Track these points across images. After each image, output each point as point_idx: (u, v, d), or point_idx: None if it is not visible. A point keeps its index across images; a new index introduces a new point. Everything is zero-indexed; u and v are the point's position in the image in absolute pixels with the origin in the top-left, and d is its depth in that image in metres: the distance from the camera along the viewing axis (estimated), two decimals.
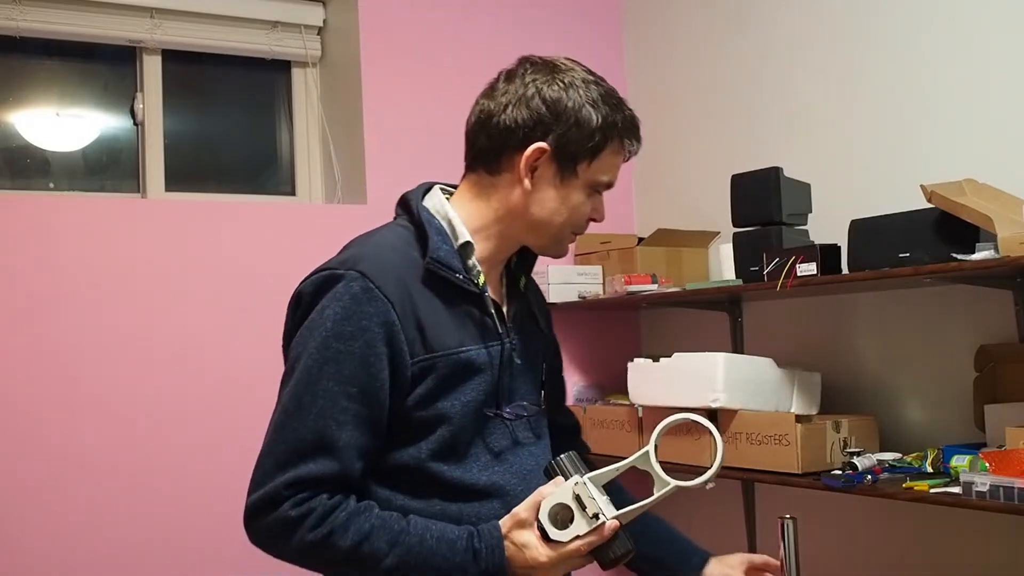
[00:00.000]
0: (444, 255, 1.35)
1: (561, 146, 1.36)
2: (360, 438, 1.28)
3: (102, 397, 2.50)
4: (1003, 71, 2.26)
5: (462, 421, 1.34)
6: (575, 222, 1.42)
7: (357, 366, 1.27)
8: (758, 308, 2.84)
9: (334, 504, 1.26)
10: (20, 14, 2.66)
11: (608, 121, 1.37)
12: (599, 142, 1.37)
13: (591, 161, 1.38)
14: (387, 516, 1.28)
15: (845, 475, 2.20)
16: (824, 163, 2.64)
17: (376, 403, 1.29)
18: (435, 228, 1.38)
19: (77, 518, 2.44)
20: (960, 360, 2.29)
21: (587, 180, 1.39)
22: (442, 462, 1.33)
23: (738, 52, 2.93)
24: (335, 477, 1.26)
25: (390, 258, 1.34)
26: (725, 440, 2.46)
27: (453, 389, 1.34)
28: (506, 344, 1.41)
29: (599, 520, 1.21)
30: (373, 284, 1.29)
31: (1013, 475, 1.85)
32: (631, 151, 1.43)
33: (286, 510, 1.24)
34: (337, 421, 1.26)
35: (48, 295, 2.46)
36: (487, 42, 3.09)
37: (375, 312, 1.28)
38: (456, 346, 1.34)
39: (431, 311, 1.33)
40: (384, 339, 1.28)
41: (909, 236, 2.13)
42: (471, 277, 1.37)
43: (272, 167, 3.12)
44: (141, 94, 2.87)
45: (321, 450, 1.26)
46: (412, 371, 1.30)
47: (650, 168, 3.20)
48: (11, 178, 2.76)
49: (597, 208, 1.43)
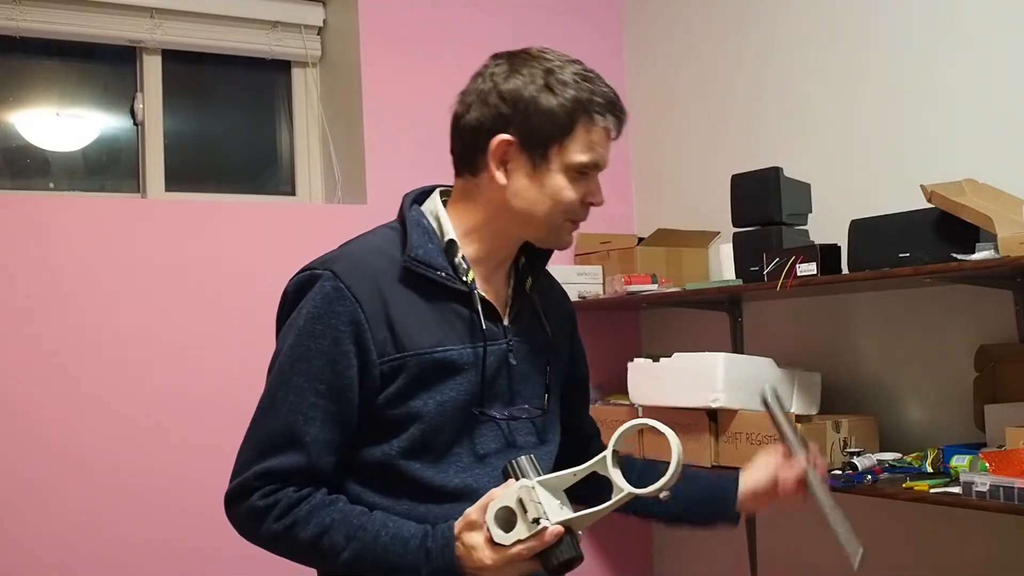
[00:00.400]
0: (424, 253, 1.35)
1: (525, 135, 1.35)
2: (328, 433, 1.31)
3: (102, 397, 2.50)
4: (1003, 71, 2.26)
5: (437, 420, 1.33)
6: (564, 208, 1.37)
7: (326, 364, 1.30)
8: (758, 308, 2.84)
9: (300, 497, 1.29)
10: (20, 14, 2.66)
11: (574, 101, 1.34)
12: (565, 123, 1.34)
13: (561, 143, 1.35)
14: (350, 510, 1.30)
15: (845, 475, 2.20)
16: (824, 163, 2.64)
17: (344, 400, 1.31)
18: (421, 228, 1.38)
19: (77, 518, 2.44)
20: (960, 360, 2.29)
21: (563, 164, 1.35)
22: (414, 460, 1.33)
23: (738, 52, 2.93)
24: (303, 470, 1.30)
25: (368, 258, 1.36)
26: (725, 440, 2.48)
27: (427, 388, 1.33)
28: (502, 345, 1.40)
29: (539, 525, 1.18)
30: (343, 284, 1.31)
31: (1013, 475, 1.85)
32: (608, 127, 1.37)
33: (255, 500, 1.30)
34: (306, 416, 1.30)
35: (48, 295, 2.46)
36: (487, 42, 3.06)
37: (343, 312, 1.31)
38: (432, 345, 1.33)
39: (408, 310, 1.33)
40: (351, 338, 1.30)
41: (909, 236, 2.13)
42: (458, 275, 1.37)
43: (272, 167, 3.11)
44: (141, 94, 2.87)
45: (290, 444, 1.30)
46: (381, 370, 1.31)
47: (650, 168, 3.20)
48: (11, 178, 2.76)
49: (592, 191, 1.39)
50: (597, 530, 3.44)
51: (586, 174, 1.37)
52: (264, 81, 3.14)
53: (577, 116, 1.35)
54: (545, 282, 1.55)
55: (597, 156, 1.37)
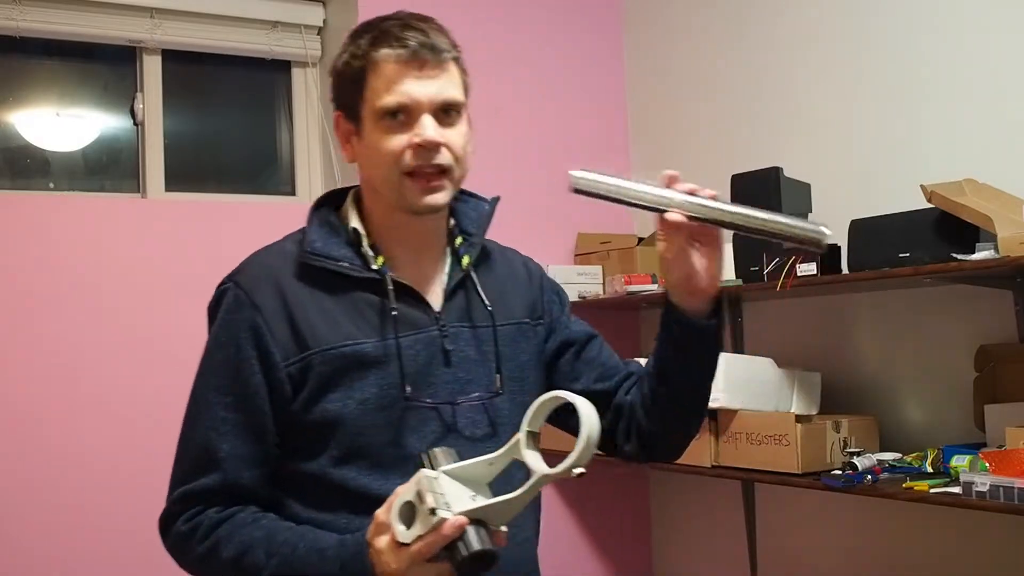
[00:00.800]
0: (323, 246, 1.30)
1: (342, 104, 1.32)
2: (243, 447, 1.26)
3: (102, 397, 2.50)
4: (1003, 71, 2.26)
5: (362, 421, 1.25)
6: (392, 162, 1.26)
7: (231, 375, 1.27)
8: (758, 308, 2.84)
9: (222, 517, 1.25)
10: (20, 14, 2.66)
11: (358, 48, 1.28)
12: (357, 73, 1.28)
13: (362, 96, 1.27)
14: (274, 527, 1.24)
15: (845, 475, 2.20)
16: (824, 163, 2.64)
17: (253, 409, 1.26)
18: (322, 222, 1.34)
19: (77, 518, 2.44)
20: (960, 360, 2.29)
21: (372, 116, 1.26)
22: (348, 468, 1.26)
23: (738, 52, 2.93)
24: (222, 489, 1.26)
25: (269, 261, 1.33)
26: (725, 440, 2.47)
27: (343, 387, 1.25)
28: (431, 331, 1.31)
29: (436, 517, 1.05)
30: (243, 291, 1.29)
31: (1013, 475, 1.85)
32: (399, 54, 1.25)
33: (179, 525, 1.27)
34: (219, 432, 1.27)
35: (48, 295, 2.46)
36: (487, 42, 3.09)
37: (243, 319, 1.28)
38: (339, 340, 1.26)
39: (312, 308, 1.27)
40: (252, 344, 1.26)
41: (909, 236, 2.13)
42: (367, 263, 1.30)
43: (272, 167, 3.11)
44: (141, 94, 2.87)
45: (208, 463, 1.26)
46: (288, 372, 1.26)
47: (650, 168, 3.19)
48: (11, 178, 2.76)
49: (418, 132, 1.25)
50: (597, 530, 3.45)
51: (400, 118, 1.26)
52: (264, 81, 3.13)
53: (365, 61, 1.27)
54: (500, 258, 1.46)
55: (400, 95, 1.25)
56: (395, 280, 1.30)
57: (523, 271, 1.49)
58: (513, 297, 1.42)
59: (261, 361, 1.26)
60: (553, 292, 1.51)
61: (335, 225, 1.34)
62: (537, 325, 1.44)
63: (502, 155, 3.00)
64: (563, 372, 1.45)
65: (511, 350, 1.38)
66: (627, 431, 1.41)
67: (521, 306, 1.43)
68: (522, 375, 1.39)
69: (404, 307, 1.29)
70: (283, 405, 1.27)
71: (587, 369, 1.45)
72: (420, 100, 1.25)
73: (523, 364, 1.39)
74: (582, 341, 1.47)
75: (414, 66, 1.26)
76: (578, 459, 1.08)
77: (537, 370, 1.43)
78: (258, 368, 1.26)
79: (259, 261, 1.34)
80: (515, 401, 1.34)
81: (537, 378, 1.42)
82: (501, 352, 1.35)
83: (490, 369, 1.34)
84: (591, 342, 1.47)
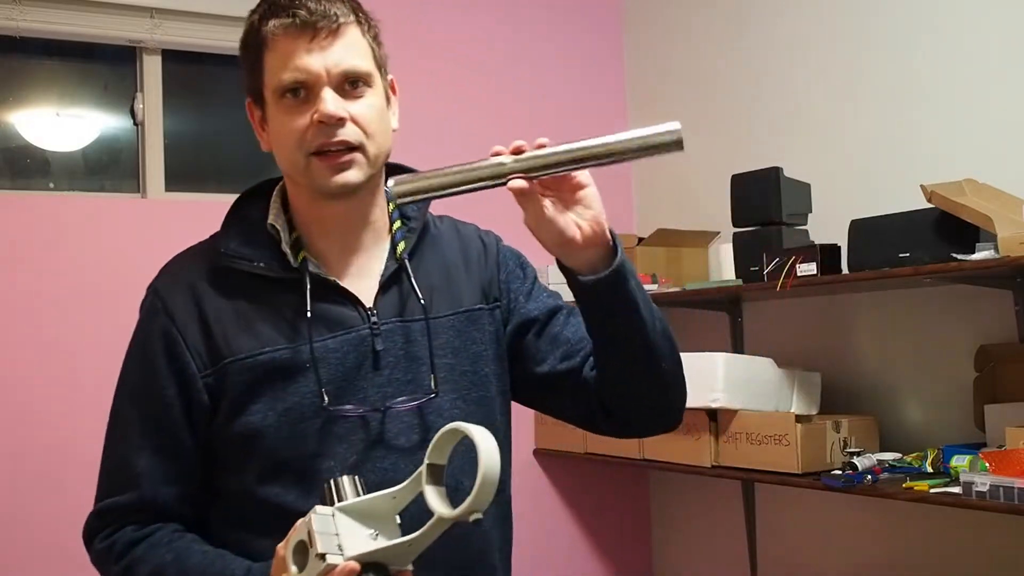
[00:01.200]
0: (236, 245, 1.22)
1: (248, 89, 1.23)
2: (161, 461, 1.18)
3: (102, 397, 2.49)
4: (1003, 71, 2.26)
5: (283, 433, 1.15)
6: (295, 143, 1.17)
7: (144, 388, 1.20)
8: (758, 308, 2.84)
9: (138, 536, 1.18)
10: (20, 14, 2.66)
11: (253, 24, 1.20)
12: (251, 55, 1.19)
13: (261, 78, 1.19)
14: (187, 550, 1.16)
15: (845, 475, 2.20)
16: (824, 163, 2.64)
17: (168, 424, 1.18)
18: (241, 218, 1.26)
19: (77, 518, 2.43)
20: (960, 360, 2.29)
21: (272, 96, 1.18)
22: (271, 485, 1.15)
23: (738, 52, 2.93)
24: (139, 506, 1.19)
25: (187, 264, 1.25)
26: (725, 440, 2.47)
27: (262, 398, 1.15)
28: (362, 330, 1.19)
29: (325, 562, 0.96)
30: (159, 299, 1.22)
31: (1013, 475, 1.85)
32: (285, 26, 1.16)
33: (97, 544, 1.22)
34: (134, 447, 1.19)
35: (48, 295, 2.46)
36: (486, 42, 3.09)
37: (156, 329, 1.20)
38: (255, 348, 1.16)
39: (228, 314, 1.18)
40: (165, 355, 1.18)
41: (909, 236, 2.13)
42: (288, 261, 1.20)
43: (272, 167, 3.11)
44: (141, 94, 2.87)
45: (123, 479, 1.19)
46: (205, 383, 1.17)
47: (650, 168, 3.20)
48: (11, 178, 2.75)
49: (318, 109, 1.15)
50: (597, 530, 3.45)
51: (301, 95, 1.16)
52: None
53: (257, 38, 1.18)
54: (450, 238, 1.33)
55: (294, 70, 1.15)
56: (318, 277, 1.20)
57: (477, 249, 1.34)
58: (462, 282, 1.29)
59: (175, 373, 1.18)
60: (513, 266, 1.35)
61: (254, 222, 1.25)
62: (494, 309, 1.31)
63: None
64: (527, 355, 1.30)
65: (460, 342, 1.25)
66: (600, 408, 1.26)
67: (472, 291, 1.29)
68: (474, 368, 1.26)
69: (329, 306, 1.19)
70: (204, 419, 1.19)
71: (551, 348, 1.29)
72: (316, 72, 1.15)
73: (476, 355, 1.26)
74: (543, 319, 1.31)
75: (306, 36, 1.15)
76: (473, 503, 0.96)
77: (496, 360, 1.29)
78: (172, 381, 1.18)
79: (178, 264, 1.27)
80: (468, 398, 1.24)
81: (498, 368, 1.29)
82: (439, 347, 1.22)
83: (417, 367, 1.21)
84: (554, 318, 1.31)
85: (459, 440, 1.01)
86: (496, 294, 1.32)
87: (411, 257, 1.26)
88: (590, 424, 1.31)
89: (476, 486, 0.95)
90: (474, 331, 1.27)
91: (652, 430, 1.32)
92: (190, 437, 1.19)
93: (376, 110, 1.21)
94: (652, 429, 1.32)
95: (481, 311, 1.29)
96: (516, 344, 1.31)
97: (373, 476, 1.12)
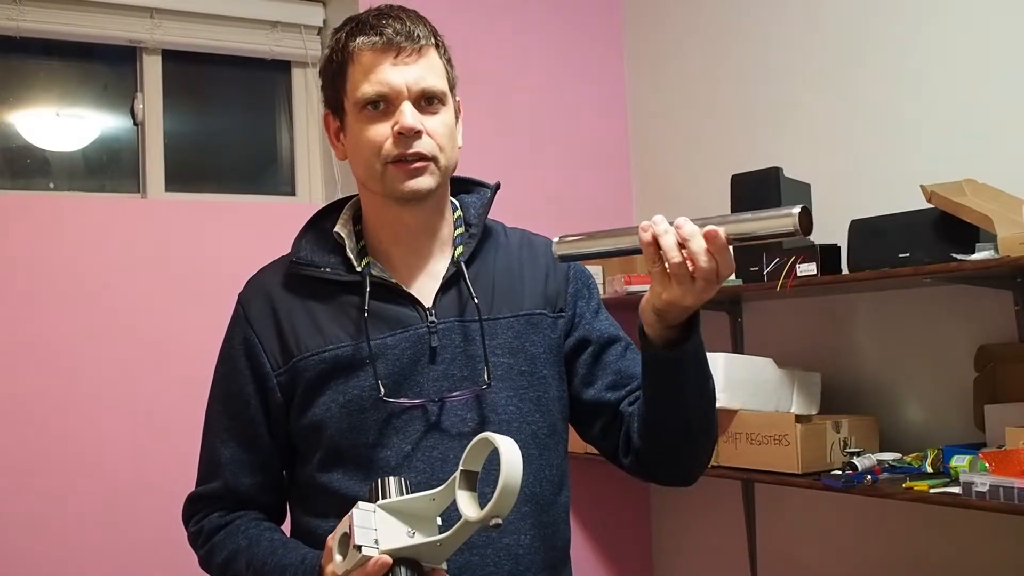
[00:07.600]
0: (307, 254, 1.34)
1: (328, 101, 1.34)
2: (242, 454, 1.33)
3: (102, 397, 2.50)
4: (1003, 71, 2.26)
5: (344, 423, 1.26)
6: (373, 152, 1.26)
7: (228, 386, 1.34)
8: (758, 308, 2.84)
9: (221, 523, 1.32)
10: (20, 14, 2.66)
11: (340, 41, 1.29)
12: (337, 67, 1.29)
13: (344, 90, 1.29)
14: (257, 536, 1.29)
15: (845, 475, 2.20)
16: (824, 163, 2.64)
17: (247, 419, 1.32)
18: (312, 230, 1.38)
19: (77, 518, 2.44)
20: (960, 360, 2.29)
21: (353, 108, 1.27)
22: (333, 472, 1.27)
23: (738, 53, 2.93)
24: (223, 494, 1.33)
25: (266, 274, 1.39)
26: (725, 440, 2.47)
27: (328, 391, 1.27)
28: (420, 329, 1.29)
29: (361, 554, 1.04)
30: (241, 306, 1.36)
31: (1013, 475, 1.85)
32: (374, 42, 1.25)
33: (191, 527, 1.37)
34: (221, 439, 1.34)
35: (48, 295, 2.46)
36: (486, 42, 3.09)
37: (238, 333, 1.35)
38: (320, 346, 1.28)
39: (300, 316, 1.31)
40: (244, 356, 1.32)
41: (909, 236, 2.13)
42: (353, 266, 1.31)
43: (272, 167, 3.11)
44: (141, 94, 2.87)
45: (212, 469, 1.35)
46: (279, 381, 1.30)
47: (650, 168, 3.20)
48: (11, 178, 2.75)
49: (398, 120, 1.24)
50: (597, 529, 3.45)
51: (381, 107, 1.26)
52: (264, 81, 3.13)
53: (343, 54, 1.28)
54: (514, 245, 1.41)
55: (378, 83, 1.25)
56: (379, 279, 1.30)
57: (547, 260, 1.41)
58: (525, 286, 1.37)
59: (253, 372, 1.32)
60: (582, 284, 1.43)
61: (324, 232, 1.36)
62: (558, 318, 1.38)
63: (502, 155, 3.00)
64: (579, 373, 1.38)
65: (518, 343, 1.32)
66: (626, 445, 1.34)
67: (535, 296, 1.37)
68: (532, 369, 1.33)
69: (390, 306, 1.29)
70: (280, 414, 1.32)
71: (602, 374, 1.37)
72: (398, 87, 1.25)
73: (534, 357, 1.33)
74: (602, 342, 1.39)
75: (391, 54, 1.25)
76: (494, 508, 1.01)
77: (554, 365, 1.36)
78: (250, 379, 1.32)
79: (260, 274, 1.40)
80: (524, 397, 1.31)
81: (555, 373, 1.36)
82: (497, 347, 1.31)
83: (471, 363, 1.30)
84: (612, 346, 1.39)
85: (492, 449, 1.06)
86: (562, 305, 1.39)
87: (472, 262, 1.35)
88: (613, 457, 1.38)
89: (496, 493, 1.01)
90: (534, 334, 1.35)
91: (672, 481, 1.38)
92: (268, 431, 1.32)
93: (448, 126, 1.31)
94: (672, 481, 1.38)
95: (543, 316, 1.36)
96: (570, 360, 1.39)
97: (424, 465, 1.24)
